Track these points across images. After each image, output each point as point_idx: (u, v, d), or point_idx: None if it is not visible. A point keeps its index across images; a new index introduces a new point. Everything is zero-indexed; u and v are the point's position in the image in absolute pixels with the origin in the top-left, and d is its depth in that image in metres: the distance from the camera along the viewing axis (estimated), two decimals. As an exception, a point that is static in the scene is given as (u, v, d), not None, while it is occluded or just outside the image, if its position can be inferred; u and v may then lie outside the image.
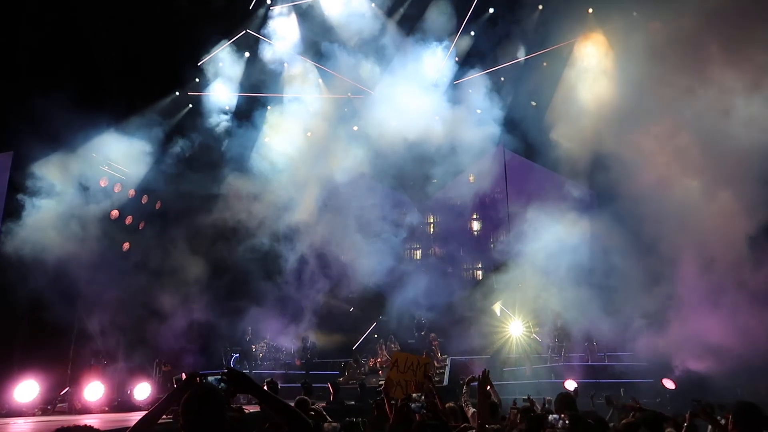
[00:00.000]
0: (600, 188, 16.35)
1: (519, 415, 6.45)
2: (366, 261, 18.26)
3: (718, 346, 12.20)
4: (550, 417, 5.67)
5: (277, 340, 18.92)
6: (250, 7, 17.87)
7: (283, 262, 20.21)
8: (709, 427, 5.39)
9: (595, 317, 14.91)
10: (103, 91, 13.87)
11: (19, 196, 13.96)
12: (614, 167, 14.65)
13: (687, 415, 5.12)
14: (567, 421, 4.91)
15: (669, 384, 12.97)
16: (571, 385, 12.78)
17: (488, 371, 5.21)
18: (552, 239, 15.89)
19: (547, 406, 7.99)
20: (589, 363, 15.50)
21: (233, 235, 17.92)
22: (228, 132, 18.59)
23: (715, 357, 12.22)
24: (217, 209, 17.85)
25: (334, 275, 19.42)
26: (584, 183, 17.15)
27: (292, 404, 3.71)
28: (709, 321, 12.53)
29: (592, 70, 16.26)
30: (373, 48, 17.49)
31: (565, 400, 6.15)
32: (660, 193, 13.67)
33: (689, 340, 12.81)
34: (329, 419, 5.86)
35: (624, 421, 5.40)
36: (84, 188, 15.09)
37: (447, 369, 17.09)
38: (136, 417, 3.16)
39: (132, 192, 16.93)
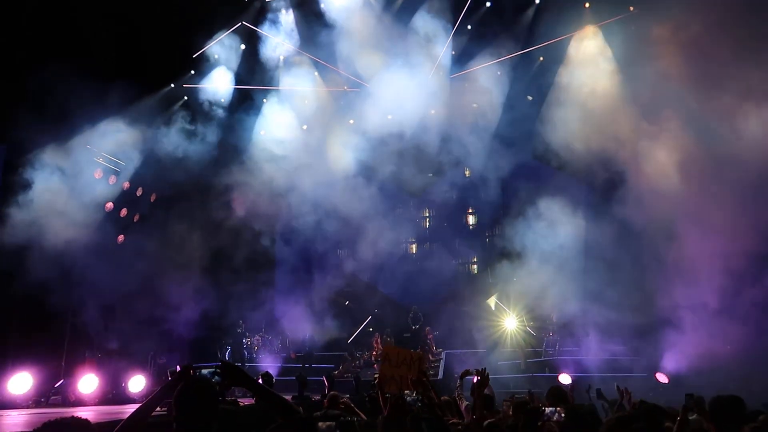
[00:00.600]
0: (597, 183, 16.35)
1: (512, 409, 6.43)
2: (361, 254, 18.27)
3: (712, 345, 12.26)
4: (546, 410, 5.67)
5: (272, 333, 18.92)
6: (246, -1, 17.72)
7: (278, 256, 20.21)
8: (695, 416, 5.38)
9: (589, 312, 14.99)
10: (97, 83, 13.73)
11: (13, 187, 13.86)
12: (611, 163, 14.67)
13: (681, 410, 5.12)
14: (563, 415, 4.91)
15: (662, 378, 13.04)
16: (565, 378, 12.84)
17: (487, 373, 5.19)
18: (548, 233, 15.93)
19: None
20: (583, 357, 15.57)
21: (228, 228, 17.83)
22: (223, 124, 18.49)
23: (708, 355, 12.27)
24: (212, 201, 17.79)
25: (330, 269, 19.41)
26: (581, 178, 17.15)
27: (288, 398, 3.70)
28: (705, 319, 12.57)
29: (588, 65, 16.23)
30: (369, 40, 17.37)
31: (557, 394, 6.16)
32: (657, 189, 13.69)
33: (683, 337, 12.86)
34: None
35: (618, 414, 5.40)
36: (78, 180, 15.00)
37: (442, 363, 17.19)
38: (130, 409, 3.15)
39: (127, 184, 16.85)
